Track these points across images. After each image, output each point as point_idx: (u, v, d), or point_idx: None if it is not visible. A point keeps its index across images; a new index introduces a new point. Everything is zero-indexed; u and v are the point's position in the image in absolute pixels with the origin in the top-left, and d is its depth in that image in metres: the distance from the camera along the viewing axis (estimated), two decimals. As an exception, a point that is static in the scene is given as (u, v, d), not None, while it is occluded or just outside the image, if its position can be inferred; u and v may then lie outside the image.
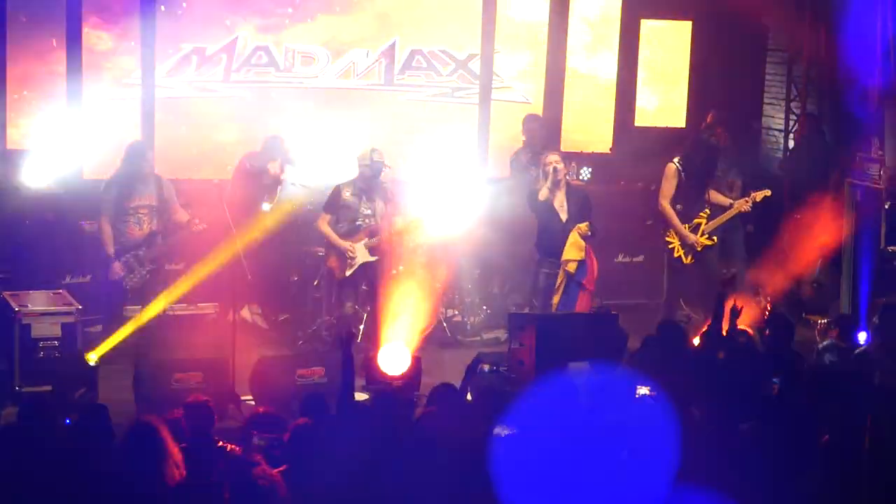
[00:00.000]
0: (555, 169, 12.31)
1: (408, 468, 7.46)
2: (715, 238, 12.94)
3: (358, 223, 12.22)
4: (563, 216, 12.33)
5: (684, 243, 12.87)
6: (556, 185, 12.31)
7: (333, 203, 12.36)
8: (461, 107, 15.35)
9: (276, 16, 14.51)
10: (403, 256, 13.20)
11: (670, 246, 12.97)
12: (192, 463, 7.52)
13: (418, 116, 15.05)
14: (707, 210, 12.94)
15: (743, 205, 13.00)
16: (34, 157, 12.79)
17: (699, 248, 12.87)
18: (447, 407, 8.43)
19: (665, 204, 12.94)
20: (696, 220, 12.89)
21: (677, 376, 9.23)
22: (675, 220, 12.89)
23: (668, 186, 12.96)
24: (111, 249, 12.01)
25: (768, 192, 13.06)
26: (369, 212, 12.25)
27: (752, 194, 13.05)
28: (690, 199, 12.94)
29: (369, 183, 12.26)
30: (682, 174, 12.91)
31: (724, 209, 13.03)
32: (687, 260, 12.89)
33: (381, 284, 12.26)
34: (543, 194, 12.28)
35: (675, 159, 13.00)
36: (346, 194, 12.27)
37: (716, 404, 8.58)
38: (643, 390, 8.80)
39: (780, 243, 14.62)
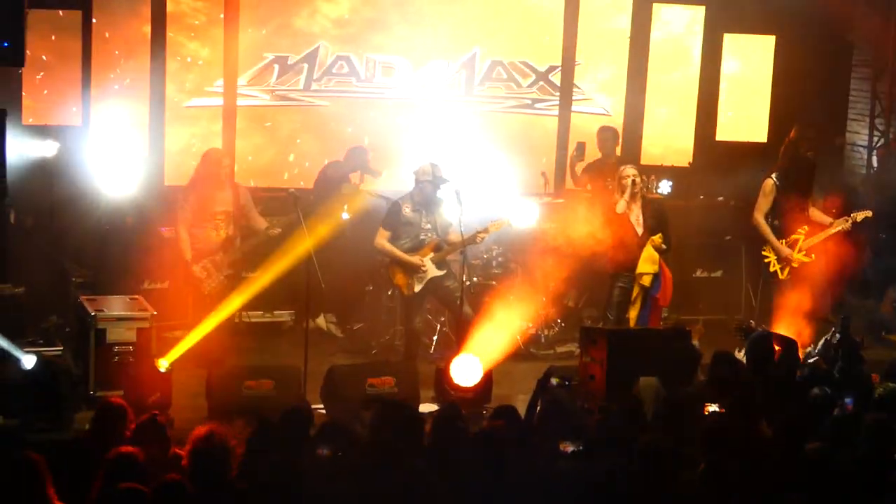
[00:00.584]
0: (633, 182, 12.26)
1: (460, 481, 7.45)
2: (813, 255, 12.77)
3: (421, 238, 12.16)
4: (639, 230, 12.28)
5: (780, 258, 12.73)
6: (632, 198, 12.26)
7: (394, 220, 12.18)
8: (540, 118, 15.33)
9: (355, 25, 14.56)
10: (476, 269, 13.24)
11: (766, 260, 12.82)
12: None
13: (497, 127, 15.02)
14: (805, 227, 12.77)
15: (843, 224, 12.77)
16: (117, 164, 12.90)
17: (795, 265, 12.71)
18: (510, 422, 8.42)
19: (760, 218, 12.79)
20: (793, 237, 12.74)
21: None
22: (770, 235, 12.73)
23: (765, 201, 12.80)
24: (189, 254, 12.12)
25: (869, 213, 12.83)
26: (430, 226, 12.15)
27: (854, 214, 12.83)
28: (787, 214, 12.78)
29: (428, 197, 12.18)
30: (779, 189, 12.76)
31: (824, 227, 12.86)
32: (783, 276, 12.74)
33: (449, 297, 12.22)
34: (620, 207, 12.23)
35: (773, 175, 12.86)
36: (407, 210, 12.15)
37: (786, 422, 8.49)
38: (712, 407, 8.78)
39: (859, 263, 14.47)
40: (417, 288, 12.10)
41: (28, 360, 10.45)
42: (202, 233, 12.17)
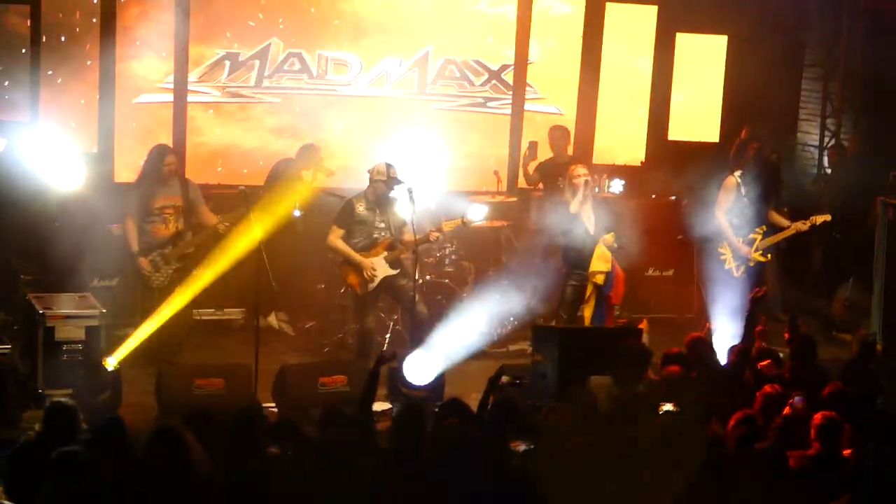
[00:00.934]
0: (585, 182, 12.26)
1: (420, 481, 7.41)
2: (769, 255, 12.81)
3: (375, 236, 12.13)
4: (591, 229, 12.28)
5: (737, 255, 12.75)
6: (584, 198, 12.26)
7: (347, 218, 12.16)
8: (493, 117, 15.32)
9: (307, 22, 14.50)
10: (429, 267, 13.21)
11: (723, 257, 12.85)
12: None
13: (449, 126, 14.99)
14: (763, 227, 12.80)
15: (801, 226, 12.83)
16: (66, 160, 12.78)
17: (751, 264, 12.75)
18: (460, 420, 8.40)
19: (721, 216, 12.81)
20: (751, 236, 12.77)
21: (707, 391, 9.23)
22: (730, 233, 12.77)
23: (726, 199, 12.83)
24: (136, 247, 12.06)
25: (828, 217, 12.89)
26: (383, 225, 12.12)
27: (812, 217, 12.88)
28: (746, 214, 12.81)
29: (382, 196, 12.13)
30: (741, 188, 12.78)
31: (780, 228, 12.89)
32: (737, 274, 12.76)
33: (403, 295, 12.19)
34: (574, 207, 12.22)
35: (737, 173, 12.89)
36: (360, 209, 12.12)
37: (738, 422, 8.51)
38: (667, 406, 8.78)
39: (814, 261, 14.56)
40: (370, 287, 12.06)
41: None
42: (151, 227, 12.14)
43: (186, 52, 14.06)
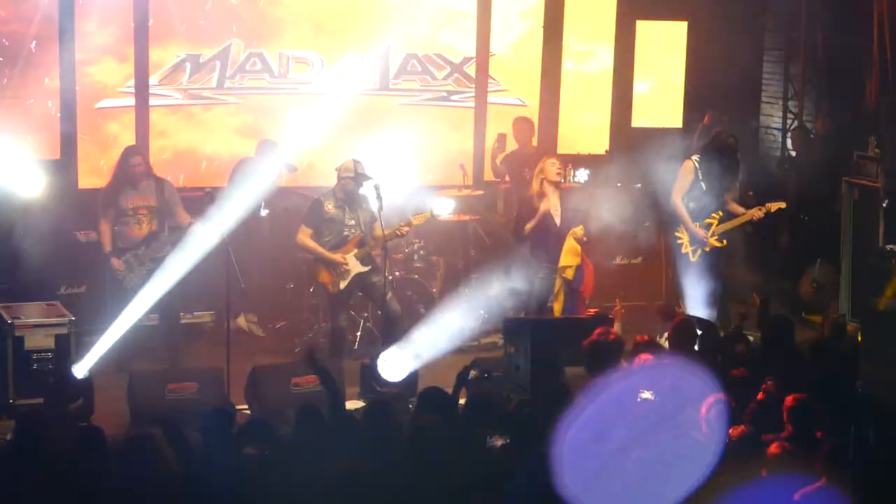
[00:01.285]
0: (551, 174, 12.25)
1: (399, 476, 7.39)
2: (725, 241, 12.82)
3: (345, 234, 12.10)
4: (557, 221, 12.27)
5: (693, 240, 12.76)
6: (549, 187, 12.25)
7: (316, 216, 12.12)
8: (457, 110, 15.30)
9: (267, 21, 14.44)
10: (398, 263, 13.19)
11: (679, 241, 12.86)
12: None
13: (414, 120, 14.96)
14: (720, 212, 12.81)
15: (756, 213, 12.80)
16: (27, 167, 12.71)
17: (707, 249, 12.76)
18: (437, 412, 8.38)
19: (677, 200, 12.80)
20: (707, 221, 12.77)
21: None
22: (686, 217, 12.75)
23: (683, 183, 12.81)
24: (109, 247, 12.00)
25: (783, 205, 12.89)
26: (353, 222, 12.09)
27: (768, 204, 12.86)
28: (703, 199, 12.81)
29: (351, 194, 12.09)
30: (698, 172, 12.78)
31: (737, 214, 12.91)
32: (694, 258, 12.78)
33: (375, 292, 12.17)
34: (540, 201, 12.20)
35: (694, 157, 12.88)
36: (329, 207, 12.08)
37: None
38: (646, 394, 8.76)
39: (780, 243, 14.58)
40: (342, 285, 12.04)
41: None
42: (125, 227, 12.10)
43: (146, 56, 13.96)
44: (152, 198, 12.18)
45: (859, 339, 10.52)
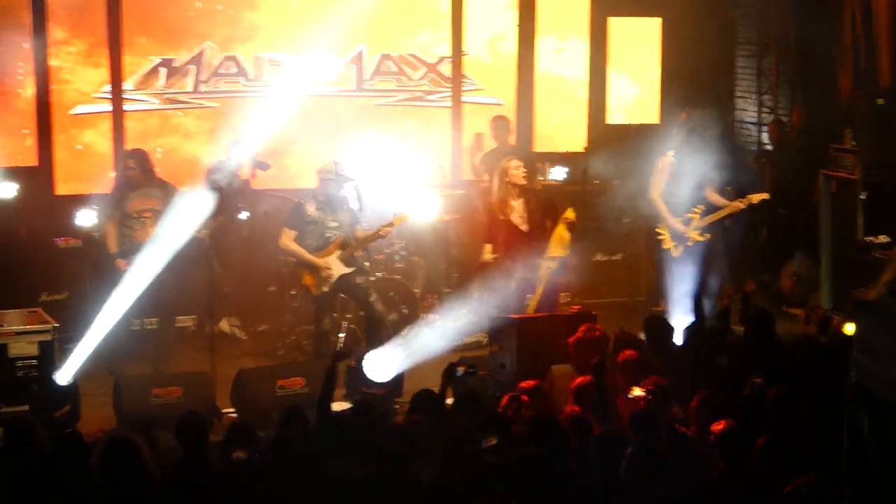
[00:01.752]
0: (513, 175, 12.11)
1: (388, 477, 7.39)
2: (707, 234, 12.83)
3: (327, 236, 12.06)
4: (524, 227, 12.15)
5: (675, 235, 12.77)
6: (514, 191, 12.15)
7: (297, 219, 12.04)
8: (433, 110, 15.31)
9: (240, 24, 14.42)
10: (379, 264, 13.18)
11: (660, 237, 12.87)
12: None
13: (390, 121, 14.97)
14: (701, 206, 12.82)
15: (738, 205, 12.77)
16: (3, 173, 12.69)
17: (689, 243, 12.77)
18: (430, 413, 8.39)
19: (656, 196, 12.78)
20: (688, 215, 12.78)
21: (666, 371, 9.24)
22: (665, 212, 12.71)
23: (660, 179, 12.77)
24: (114, 248, 11.97)
25: (766, 196, 12.89)
26: (335, 224, 12.03)
27: (749, 196, 12.86)
28: (682, 193, 12.83)
29: (332, 195, 12.06)
30: (676, 167, 12.79)
31: (718, 207, 12.93)
32: (675, 253, 12.79)
33: (359, 293, 12.16)
34: (503, 210, 12.08)
35: (670, 152, 12.89)
36: (311, 209, 12.01)
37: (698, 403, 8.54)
38: (637, 391, 8.77)
39: (758, 238, 14.63)
40: (326, 288, 12.01)
41: None
42: (130, 231, 12.06)
43: (121, 61, 13.93)
44: (157, 201, 12.14)
45: (844, 331, 10.63)
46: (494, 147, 14.48)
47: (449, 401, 9.34)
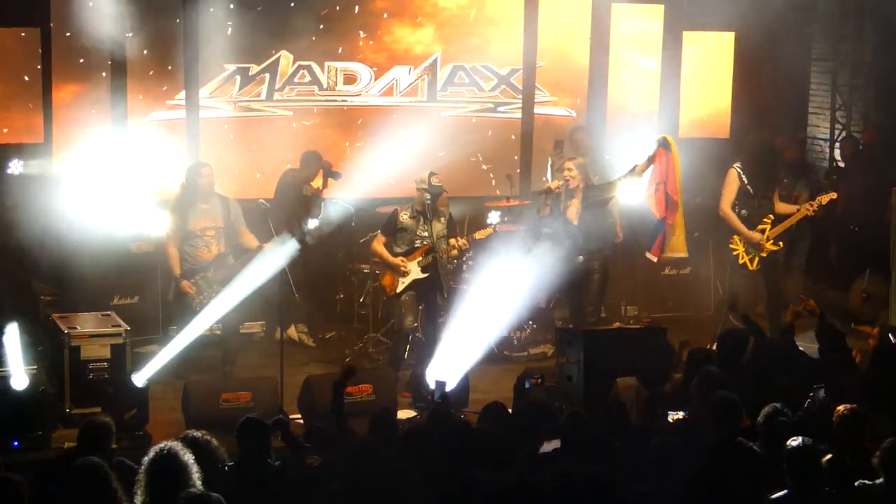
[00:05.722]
0: (567, 177, 12.28)
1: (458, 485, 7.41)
2: (781, 243, 12.78)
3: (416, 244, 12.13)
4: (575, 222, 12.28)
5: (749, 248, 12.72)
6: (569, 193, 12.27)
7: (391, 226, 12.21)
8: (504, 122, 15.35)
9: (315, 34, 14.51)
10: (449, 274, 13.20)
11: (735, 252, 12.83)
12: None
13: (462, 132, 15.02)
14: (771, 216, 12.77)
15: (808, 209, 12.73)
16: (81, 180, 12.83)
17: (764, 254, 12.72)
18: (499, 425, 8.42)
19: (727, 209, 12.79)
20: (759, 227, 12.74)
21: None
22: (739, 225, 12.72)
23: (729, 192, 12.80)
24: (178, 270, 12.07)
25: (834, 195, 12.85)
26: (426, 234, 12.10)
27: (818, 198, 12.84)
28: (753, 204, 12.79)
29: (426, 206, 12.14)
30: (743, 179, 12.77)
31: (788, 215, 12.87)
32: (752, 267, 12.75)
33: (433, 302, 12.21)
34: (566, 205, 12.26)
35: (736, 164, 12.87)
36: (404, 217, 12.13)
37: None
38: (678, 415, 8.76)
39: (831, 253, 14.53)
40: (399, 288, 12.06)
41: (20, 381, 10.29)
42: (193, 250, 12.16)
43: (197, 69, 14.06)
44: (219, 218, 12.23)
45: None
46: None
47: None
